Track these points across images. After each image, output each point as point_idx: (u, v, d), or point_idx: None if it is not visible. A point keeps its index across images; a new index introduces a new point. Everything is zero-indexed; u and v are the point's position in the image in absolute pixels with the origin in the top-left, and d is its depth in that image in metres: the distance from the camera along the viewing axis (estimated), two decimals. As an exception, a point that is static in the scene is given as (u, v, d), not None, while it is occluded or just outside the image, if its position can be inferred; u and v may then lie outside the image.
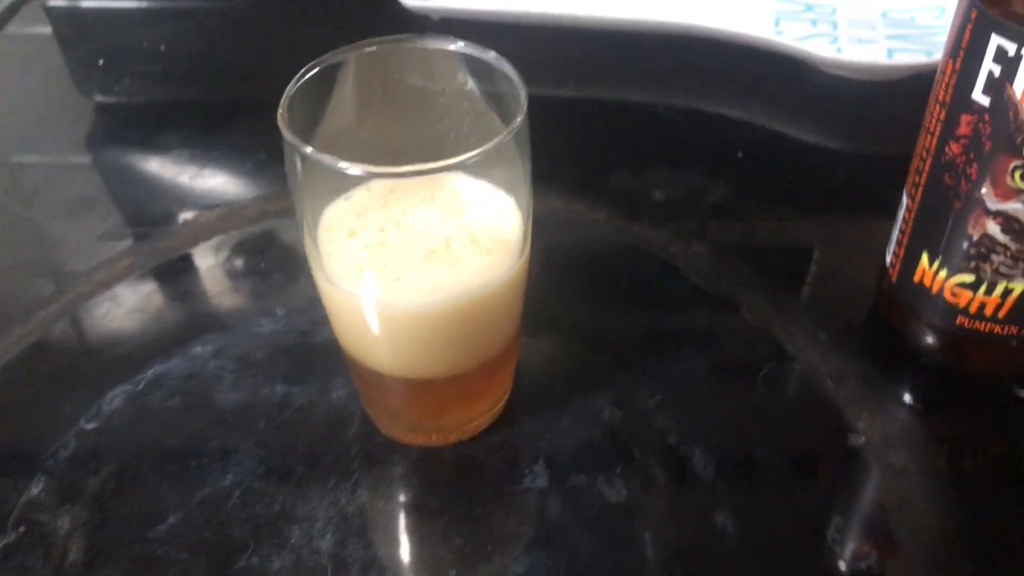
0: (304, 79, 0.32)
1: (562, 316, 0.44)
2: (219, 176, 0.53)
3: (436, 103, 0.35)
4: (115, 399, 0.40)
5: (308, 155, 0.29)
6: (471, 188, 0.33)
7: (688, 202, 0.51)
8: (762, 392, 0.40)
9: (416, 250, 0.32)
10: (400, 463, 0.37)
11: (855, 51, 0.58)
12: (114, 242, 0.48)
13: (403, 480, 0.37)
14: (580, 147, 0.55)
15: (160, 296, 0.46)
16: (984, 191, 0.34)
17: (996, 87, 0.32)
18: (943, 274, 0.37)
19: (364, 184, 0.33)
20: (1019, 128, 0.32)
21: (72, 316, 0.44)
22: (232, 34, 0.67)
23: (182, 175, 0.53)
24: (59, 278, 0.47)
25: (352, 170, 0.28)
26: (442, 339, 0.33)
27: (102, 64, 0.63)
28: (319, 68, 0.32)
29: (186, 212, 0.50)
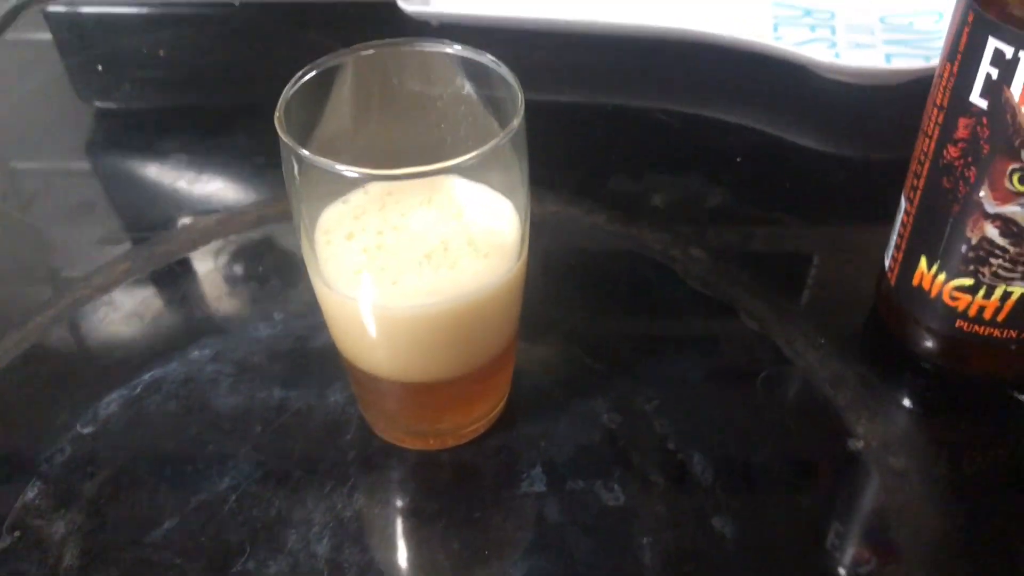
0: (301, 82, 0.32)
1: (560, 320, 0.43)
2: (217, 181, 0.53)
3: (433, 106, 0.35)
4: (112, 403, 0.40)
5: (305, 158, 0.29)
6: (469, 191, 0.33)
7: (687, 206, 0.50)
8: (761, 396, 0.40)
9: (413, 253, 0.32)
10: (397, 467, 0.37)
11: (853, 56, 0.58)
12: (112, 247, 0.48)
13: (400, 484, 0.37)
14: (579, 152, 0.55)
15: (158, 300, 0.45)
16: (982, 194, 0.34)
17: (994, 90, 0.32)
18: (942, 278, 0.37)
19: (361, 187, 0.33)
20: (1017, 131, 0.32)
21: (69, 320, 0.44)
22: (231, 40, 0.67)
23: (180, 180, 0.53)
24: (57, 283, 0.47)
25: (349, 173, 0.28)
26: (439, 342, 0.33)
27: (101, 70, 0.63)
28: (316, 71, 0.32)
29: (184, 217, 0.50)
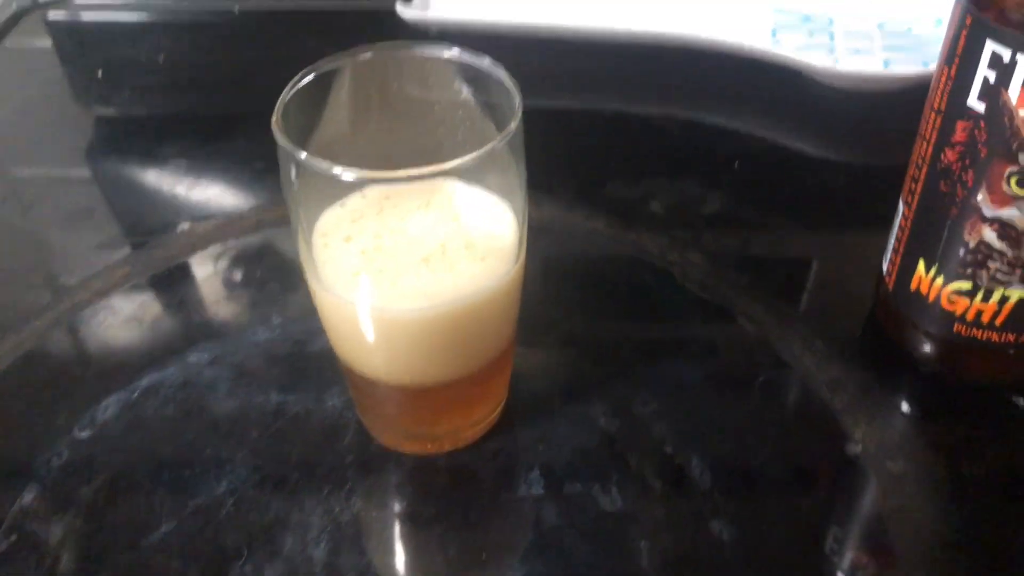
0: (299, 86, 0.32)
1: (559, 324, 0.43)
2: (216, 186, 0.53)
3: (431, 111, 0.35)
4: (109, 407, 0.39)
5: (302, 160, 0.29)
6: (466, 194, 0.33)
7: (685, 211, 0.50)
8: (759, 400, 0.40)
9: (411, 256, 0.32)
10: (395, 472, 0.37)
11: (852, 61, 0.59)
12: (111, 251, 0.48)
13: (398, 489, 0.37)
14: (578, 157, 0.55)
15: (156, 305, 0.45)
16: (980, 198, 0.34)
17: (991, 93, 0.32)
18: (940, 281, 0.37)
19: (359, 190, 0.33)
20: (1015, 134, 0.32)
21: (67, 325, 0.44)
22: (231, 46, 0.67)
23: (179, 185, 0.53)
24: (55, 287, 0.47)
25: (346, 175, 0.28)
26: (437, 345, 0.33)
27: (101, 76, 0.63)
28: (314, 74, 0.32)
29: (183, 222, 0.50)
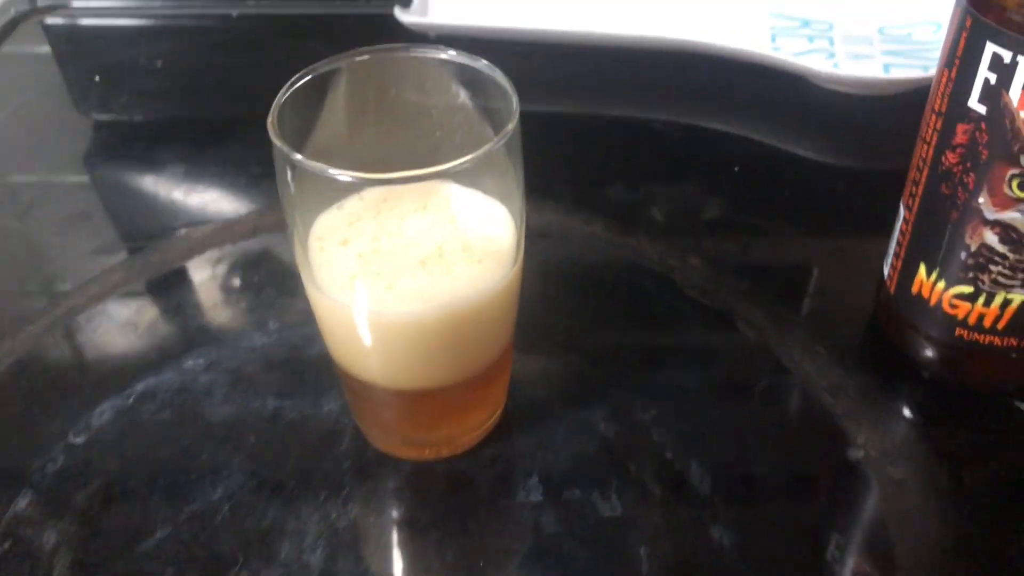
0: (295, 87, 0.32)
1: (558, 329, 0.43)
2: (213, 191, 0.53)
3: (429, 114, 0.34)
4: (104, 413, 0.39)
5: (298, 162, 0.29)
6: (464, 197, 0.32)
7: (685, 216, 0.50)
8: (760, 406, 0.40)
9: (408, 259, 0.32)
10: (392, 477, 0.37)
11: (852, 66, 0.58)
12: (107, 256, 0.48)
13: (395, 495, 0.36)
14: (577, 162, 0.55)
15: (152, 310, 0.45)
16: (981, 200, 0.34)
17: (992, 95, 0.32)
18: (941, 285, 0.37)
19: (356, 193, 0.33)
20: (1016, 136, 0.31)
21: (63, 330, 0.44)
22: (229, 51, 0.67)
23: (177, 190, 0.53)
24: (52, 292, 0.47)
25: (342, 177, 0.28)
26: (434, 349, 0.33)
27: (99, 81, 0.63)
28: (310, 76, 0.32)
29: (180, 227, 0.50)
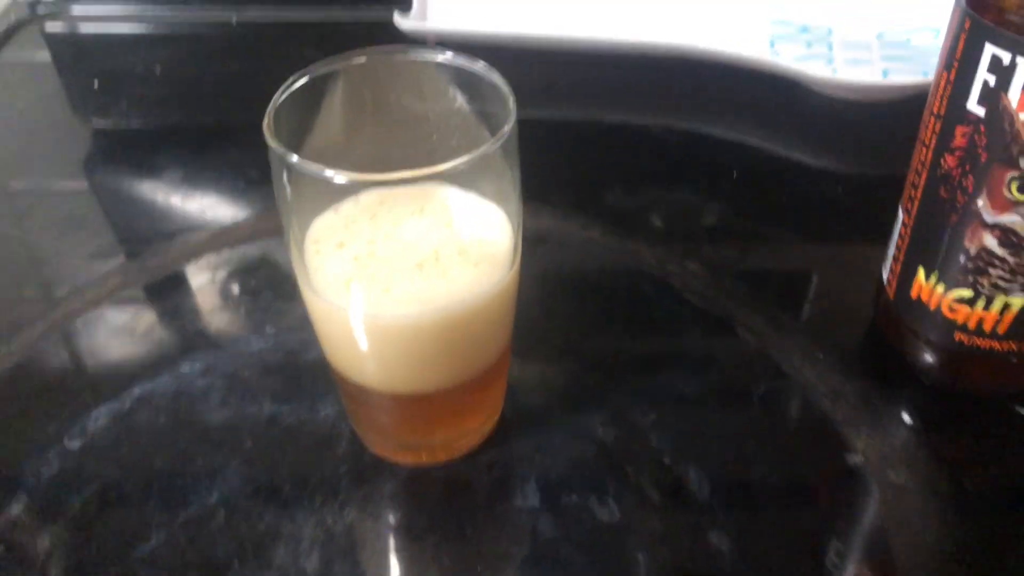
0: (291, 89, 0.31)
1: (556, 334, 0.43)
2: (211, 196, 0.53)
3: (426, 117, 0.34)
4: (100, 417, 0.39)
5: (294, 164, 0.29)
6: (460, 200, 0.32)
7: (684, 221, 0.50)
8: (759, 411, 0.39)
9: (405, 262, 0.32)
10: (389, 482, 0.37)
11: (850, 71, 0.58)
12: (105, 261, 0.48)
13: (392, 499, 0.36)
14: (576, 167, 0.55)
15: (149, 314, 0.45)
16: (981, 203, 0.33)
17: (991, 97, 0.31)
18: (940, 289, 0.36)
19: (353, 197, 0.33)
20: (1015, 138, 0.31)
21: (60, 334, 0.43)
22: (228, 57, 0.67)
23: (175, 195, 0.53)
24: (49, 296, 0.47)
25: (338, 178, 0.28)
26: (430, 352, 0.32)
27: (97, 87, 0.63)
28: (307, 78, 0.32)
29: (177, 231, 0.50)
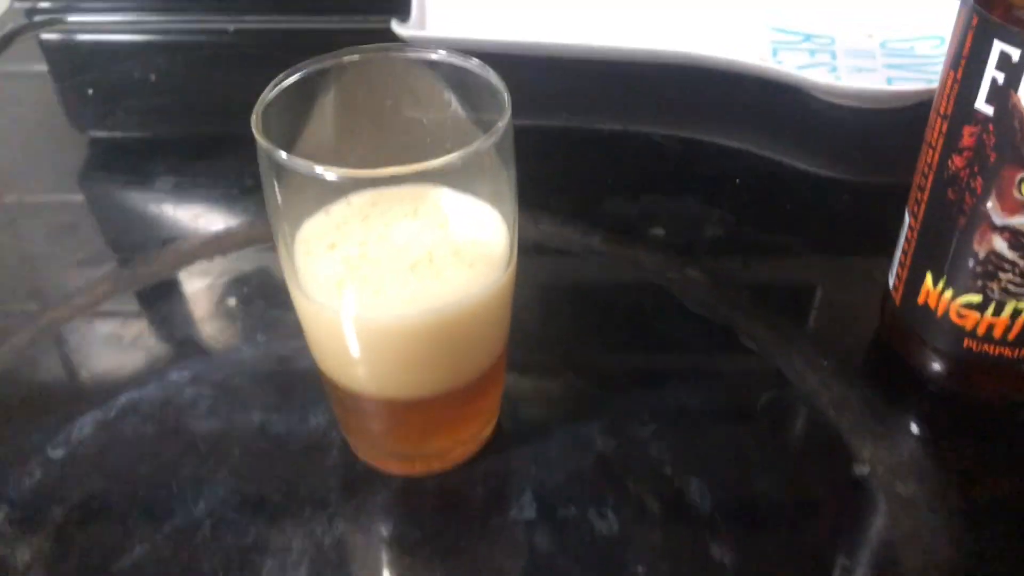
0: (281, 86, 0.31)
1: (554, 342, 0.42)
2: (203, 203, 0.52)
3: (419, 114, 0.34)
4: (85, 426, 0.38)
5: (283, 161, 0.28)
6: (454, 201, 0.31)
7: (686, 229, 0.49)
8: (762, 420, 0.38)
9: (397, 263, 0.31)
10: (381, 493, 0.36)
11: (854, 79, 0.58)
12: (95, 268, 0.47)
13: (384, 511, 0.35)
14: (576, 175, 0.54)
15: (139, 322, 0.44)
16: (990, 205, 0.33)
17: (1000, 95, 0.31)
18: (948, 294, 0.35)
19: (344, 198, 0.32)
20: (1025, 137, 0.31)
21: (48, 341, 0.43)
22: (224, 65, 0.66)
23: (168, 202, 0.52)
24: (39, 303, 0.46)
25: (327, 174, 0.27)
26: (424, 355, 0.32)
27: (91, 94, 0.63)
28: (298, 75, 0.31)
29: (169, 239, 0.49)
